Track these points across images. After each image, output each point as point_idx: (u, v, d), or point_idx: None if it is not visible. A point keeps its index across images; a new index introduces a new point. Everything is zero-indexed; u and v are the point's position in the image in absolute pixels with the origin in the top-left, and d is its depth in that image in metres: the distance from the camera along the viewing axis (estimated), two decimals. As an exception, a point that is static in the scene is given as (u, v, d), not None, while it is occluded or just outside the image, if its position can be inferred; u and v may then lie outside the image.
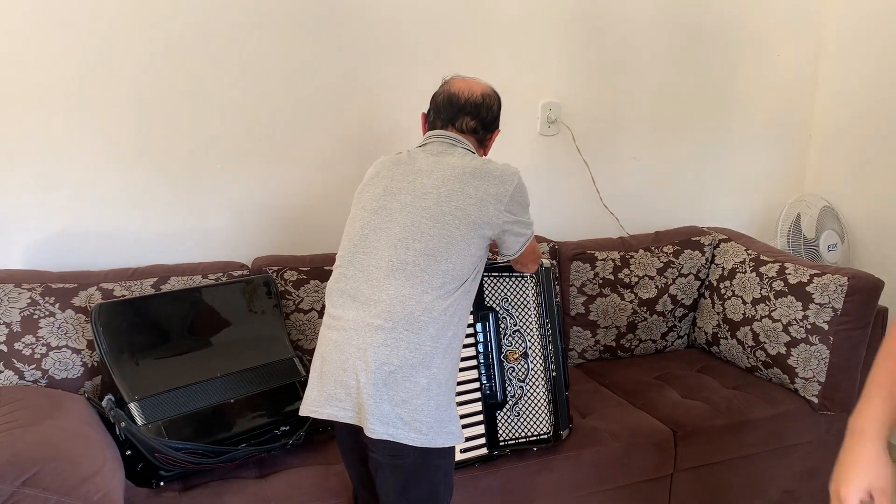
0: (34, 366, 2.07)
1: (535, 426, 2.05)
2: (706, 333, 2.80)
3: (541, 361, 2.05)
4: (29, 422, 1.73)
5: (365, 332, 1.62)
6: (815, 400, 2.40)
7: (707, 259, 2.84)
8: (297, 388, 2.19)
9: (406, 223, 1.68)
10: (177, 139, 2.40)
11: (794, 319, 2.44)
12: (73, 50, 2.23)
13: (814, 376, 2.40)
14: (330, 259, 2.44)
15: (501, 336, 2.03)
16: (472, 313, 1.98)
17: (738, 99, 3.19)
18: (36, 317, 2.08)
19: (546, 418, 2.06)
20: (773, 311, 2.50)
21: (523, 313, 2.05)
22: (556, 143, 2.90)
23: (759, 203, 3.34)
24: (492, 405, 2.03)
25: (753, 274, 2.61)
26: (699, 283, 2.84)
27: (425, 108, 2.68)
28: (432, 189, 1.70)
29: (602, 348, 2.76)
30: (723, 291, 2.72)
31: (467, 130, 1.85)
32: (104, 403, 1.87)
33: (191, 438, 1.95)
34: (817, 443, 2.45)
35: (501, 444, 2.04)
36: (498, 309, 2.03)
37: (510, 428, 2.05)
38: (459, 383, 1.96)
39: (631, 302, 2.75)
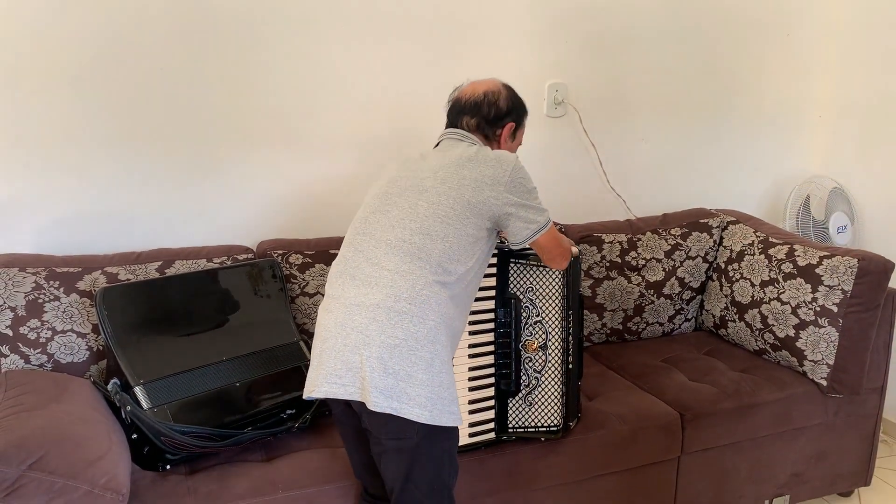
0: (40, 350, 2.07)
1: (545, 417, 2.05)
2: (714, 316, 2.78)
3: (559, 354, 2.03)
4: (35, 406, 1.73)
5: (367, 309, 1.64)
6: (824, 383, 2.39)
7: (715, 241, 2.81)
8: (302, 372, 2.19)
9: (404, 206, 1.72)
10: (181, 122, 2.38)
11: (803, 302, 2.42)
12: (77, 31, 2.21)
13: (823, 359, 2.38)
14: (335, 242, 2.43)
15: (522, 325, 2.01)
16: (494, 299, 2.00)
17: (747, 79, 3.15)
18: (41, 301, 2.08)
19: (558, 411, 2.05)
20: (781, 293, 2.48)
21: (547, 304, 2.02)
22: (562, 125, 2.88)
23: (767, 185, 3.31)
24: (504, 392, 2.02)
25: (762, 256, 2.59)
26: (707, 265, 2.82)
27: (429, 89, 2.69)
28: (430, 174, 1.75)
29: (609, 331, 2.75)
30: (731, 274, 2.70)
31: (470, 128, 1.90)
32: (110, 387, 1.87)
33: (196, 422, 1.95)
34: (826, 426, 2.44)
35: (510, 430, 2.03)
36: (522, 298, 2.01)
37: (521, 416, 2.04)
38: (473, 368, 1.97)
39: (638, 285, 2.73)
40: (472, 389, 1.99)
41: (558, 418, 2.05)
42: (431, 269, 1.66)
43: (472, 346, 1.97)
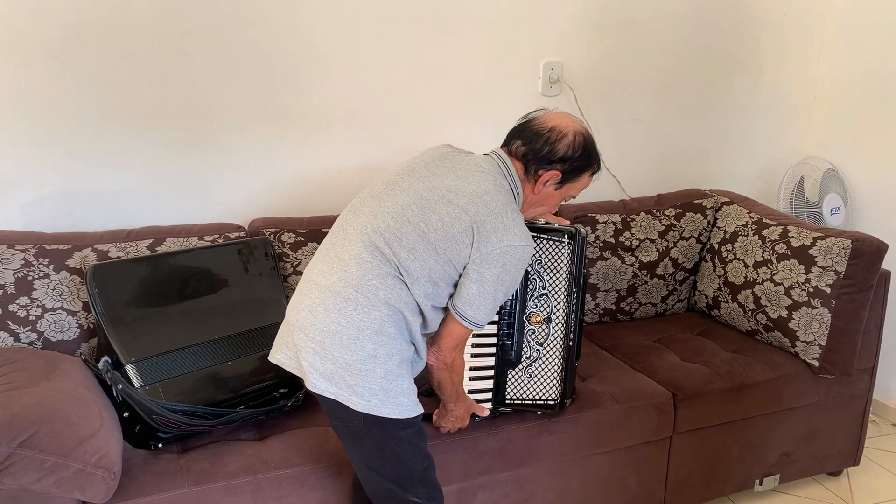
0: (29, 328, 2.05)
1: (544, 390, 2.05)
2: (707, 297, 2.78)
3: (562, 329, 2.02)
4: (25, 384, 1.72)
5: (320, 290, 1.64)
6: (816, 363, 2.39)
7: (709, 222, 2.81)
8: (295, 351, 2.18)
9: (400, 201, 1.67)
10: (171, 98, 2.35)
11: (797, 283, 2.42)
12: (66, 6, 2.17)
13: (815, 340, 2.39)
14: (328, 221, 2.40)
15: (528, 297, 2.01)
16: None
17: (743, 60, 3.13)
18: (30, 278, 2.06)
19: (556, 385, 2.05)
20: (774, 274, 2.49)
21: (554, 278, 2.01)
22: (557, 104, 2.85)
23: (762, 165, 3.30)
24: (505, 362, 2.01)
25: (756, 237, 2.59)
26: (700, 246, 2.82)
27: (424, 67, 2.66)
28: (442, 192, 1.66)
29: (602, 311, 2.75)
30: (724, 255, 2.70)
31: (516, 155, 1.77)
32: (101, 365, 1.86)
33: (189, 400, 1.94)
34: (816, 405, 2.45)
35: (507, 402, 2.03)
36: (529, 270, 2.00)
37: (519, 388, 2.04)
38: (476, 335, 1.96)
39: (631, 265, 2.73)
40: (474, 356, 1.98)
41: (556, 393, 2.05)
42: (391, 265, 1.62)
43: None
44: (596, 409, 2.14)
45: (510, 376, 2.03)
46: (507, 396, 2.03)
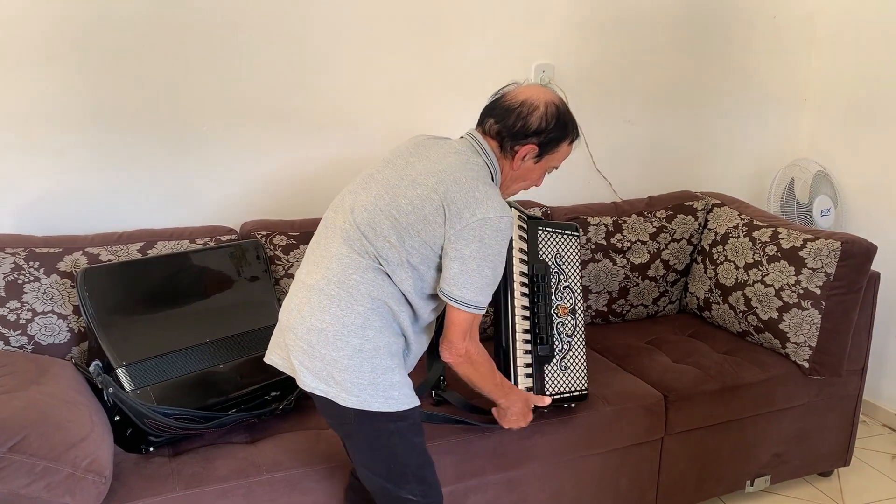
0: (20, 331, 2.04)
1: (576, 381, 2.08)
2: (698, 298, 2.79)
3: (583, 318, 2.10)
4: (15, 387, 1.71)
5: (306, 290, 1.66)
6: (806, 364, 2.41)
7: (700, 224, 2.82)
8: (287, 354, 2.18)
9: (373, 193, 1.67)
10: (162, 100, 2.35)
11: (787, 284, 2.43)
12: (55, 9, 2.16)
13: (805, 341, 2.40)
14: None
15: (553, 290, 2.03)
16: (527, 264, 2.00)
17: (734, 62, 3.14)
18: (20, 282, 2.05)
19: (584, 374, 2.10)
20: (765, 275, 2.50)
21: (571, 270, 2.08)
22: (548, 106, 2.86)
23: (752, 167, 3.31)
24: (542, 358, 2.02)
25: (746, 239, 2.60)
26: (692, 248, 2.83)
27: (414, 69, 2.66)
28: (414, 176, 1.66)
29: (594, 313, 2.75)
30: (715, 256, 2.71)
31: (490, 133, 1.74)
32: (91, 369, 1.85)
33: (180, 404, 1.93)
34: (807, 406, 2.47)
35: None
36: (550, 264, 2.03)
37: (556, 382, 2.05)
38: (524, 337, 1.97)
39: (623, 267, 2.74)
40: (524, 352, 1.99)
41: (585, 381, 2.10)
42: (369, 257, 1.62)
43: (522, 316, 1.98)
44: (588, 410, 2.14)
45: (547, 372, 2.04)
46: (547, 393, 2.04)
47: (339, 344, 1.60)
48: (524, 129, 1.71)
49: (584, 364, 2.11)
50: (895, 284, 2.87)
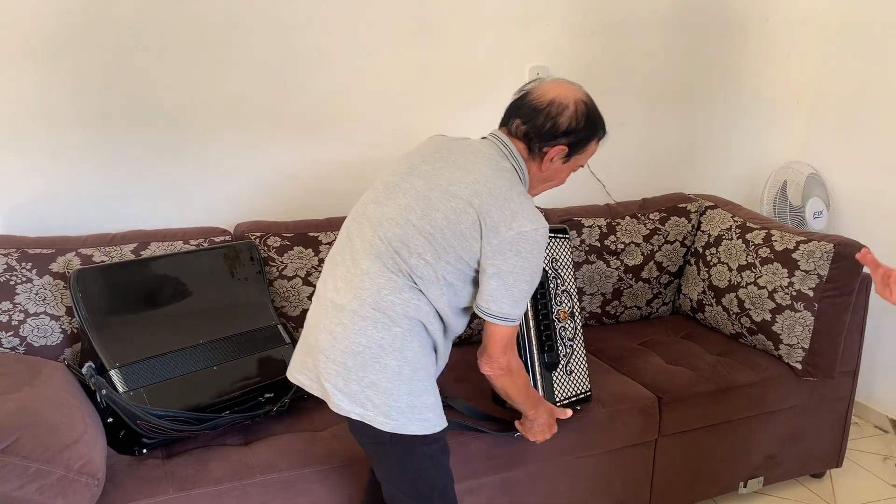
0: (12, 333, 2.03)
1: (580, 384, 2.09)
2: (691, 300, 2.80)
3: (581, 320, 2.09)
4: (7, 389, 1.70)
5: (336, 310, 1.58)
6: (799, 366, 2.42)
7: (693, 226, 2.83)
8: (281, 355, 2.17)
9: (402, 204, 1.59)
10: (156, 100, 2.34)
11: (780, 286, 2.44)
12: (48, 7, 2.15)
13: (798, 343, 2.41)
14: (314, 225, 2.41)
15: (552, 296, 2.03)
16: None
17: (726, 64, 3.15)
18: (13, 283, 2.04)
19: (587, 375, 2.10)
20: (758, 277, 2.51)
21: (566, 273, 2.07)
22: (543, 108, 2.87)
23: (746, 170, 3.33)
24: (550, 365, 2.02)
25: (739, 241, 2.61)
26: (685, 249, 2.83)
27: (409, 69, 2.66)
28: (444, 185, 1.59)
29: (588, 315, 2.75)
30: (708, 258, 2.72)
31: (517, 135, 1.67)
32: (84, 371, 1.84)
33: (173, 406, 1.93)
34: (800, 408, 2.47)
35: (558, 404, 2.03)
36: (548, 269, 2.03)
37: (563, 387, 2.06)
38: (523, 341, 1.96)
39: (617, 269, 2.74)
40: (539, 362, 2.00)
41: (588, 383, 2.11)
42: (403, 276, 1.56)
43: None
44: (582, 412, 2.15)
45: (555, 378, 2.04)
46: (556, 399, 2.04)
47: (376, 367, 1.54)
48: (554, 129, 1.64)
49: (586, 366, 2.12)
50: (887, 286, 2.88)
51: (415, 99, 2.68)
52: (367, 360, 1.55)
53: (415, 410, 1.57)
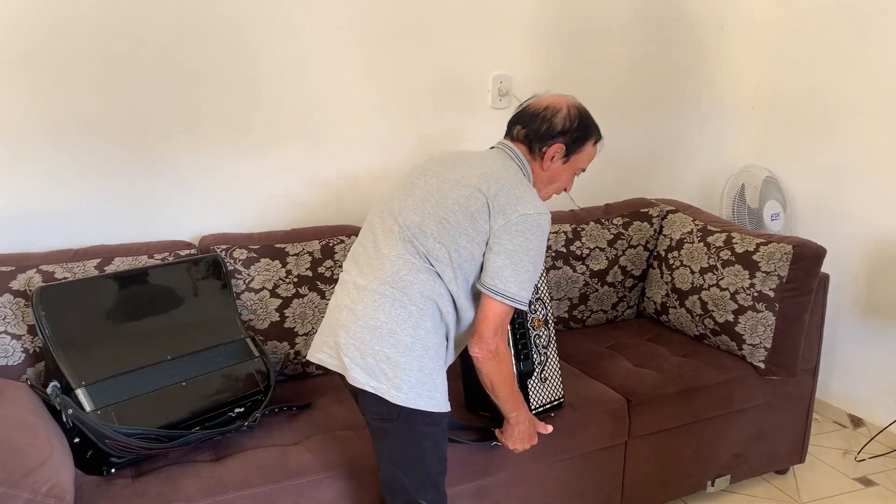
0: (-29, 353, 1.98)
1: (553, 391, 2.11)
2: (655, 303, 2.84)
3: (553, 327, 2.12)
4: (-31, 412, 1.65)
5: (359, 290, 1.72)
6: (762, 365, 2.47)
7: (655, 230, 2.88)
8: (250, 369, 2.15)
9: (419, 197, 1.76)
10: (117, 114, 2.30)
11: (742, 287, 2.49)
12: (7, 15, 2.11)
13: (760, 342, 2.46)
14: (280, 237, 2.40)
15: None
16: None
17: (685, 72, 3.22)
18: (-29, 302, 1.99)
19: (560, 382, 2.13)
20: (720, 279, 2.56)
21: (539, 282, 2.09)
22: (507, 117, 2.86)
23: (705, 174, 3.39)
24: (525, 374, 2.04)
25: (701, 244, 2.66)
26: (648, 253, 2.88)
27: (374, 80, 2.66)
28: (457, 178, 1.76)
29: (555, 320, 2.78)
30: (671, 262, 2.77)
31: (519, 139, 1.88)
32: (49, 390, 1.80)
33: (142, 423, 1.89)
34: (764, 406, 2.53)
35: (533, 411, 2.04)
36: None
37: (538, 395, 2.08)
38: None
39: (583, 274, 2.77)
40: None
41: (561, 389, 2.13)
42: (421, 258, 1.70)
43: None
44: (554, 417, 2.16)
45: (530, 386, 2.06)
46: (532, 407, 2.05)
47: (391, 340, 1.67)
48: (550, 130, 1.84)
49: (559, 373, 2.15)
50: (842, 285, 2.97)
51: (378, 111, 2.68)
52: (383, 335, 1.67)
53: (424, 387, 1.68)
